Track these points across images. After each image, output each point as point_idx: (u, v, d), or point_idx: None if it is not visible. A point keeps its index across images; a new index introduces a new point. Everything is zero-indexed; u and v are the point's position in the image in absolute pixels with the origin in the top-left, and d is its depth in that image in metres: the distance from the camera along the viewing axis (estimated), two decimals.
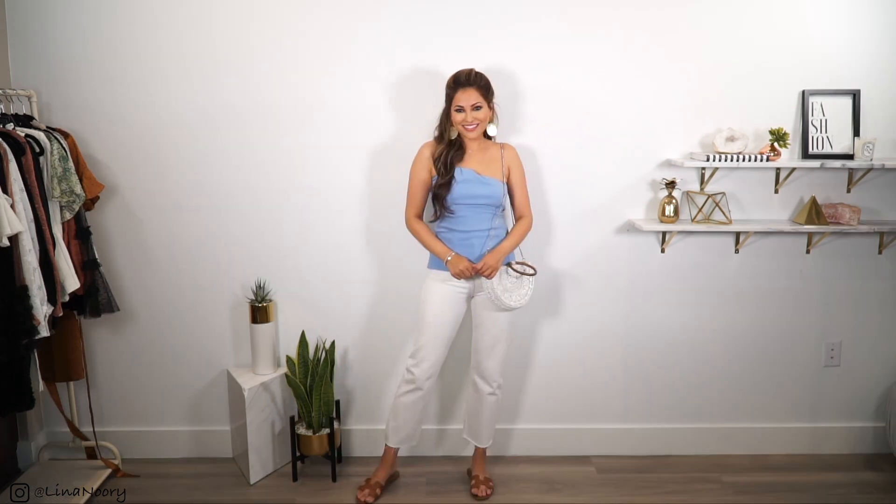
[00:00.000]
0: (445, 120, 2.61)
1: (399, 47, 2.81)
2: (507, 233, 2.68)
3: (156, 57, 2.82)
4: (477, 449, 2.88)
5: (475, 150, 2.63)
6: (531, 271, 2.66)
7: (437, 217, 2.65)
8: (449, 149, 2.60)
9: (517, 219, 2.72)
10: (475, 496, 2.79)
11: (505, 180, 2.63)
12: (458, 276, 2.59)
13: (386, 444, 2.83)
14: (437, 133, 2.65)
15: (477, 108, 2.53)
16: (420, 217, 2.69)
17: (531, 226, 2.72)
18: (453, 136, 2.61)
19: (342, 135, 2.88)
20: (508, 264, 2.64)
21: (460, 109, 2.54)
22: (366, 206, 2.93)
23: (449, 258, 2.59)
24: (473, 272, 2.59)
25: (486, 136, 2.66)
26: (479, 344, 2.72)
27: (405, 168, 2.79)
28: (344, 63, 2.83)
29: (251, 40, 2.81)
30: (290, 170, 2.91)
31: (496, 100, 2.63)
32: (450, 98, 2.56)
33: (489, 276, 2.58)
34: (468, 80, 2.53)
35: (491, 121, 2.62)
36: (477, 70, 2.58)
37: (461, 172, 2.59)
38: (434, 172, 2.62)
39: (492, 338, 2.69)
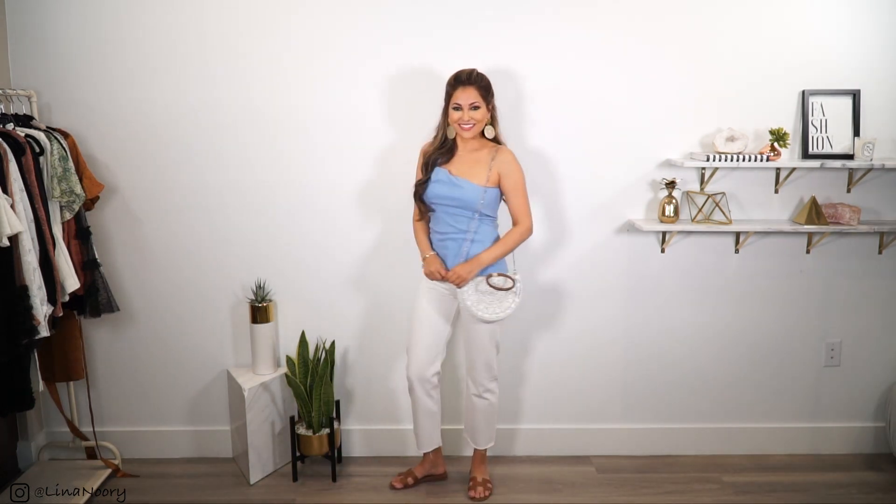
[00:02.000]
0: (444, 118, 2.60)
1: (399, 48, 2.81)
2: (496, 240, 2.62)
3: (156, 57, 2.82)
4: (475, 451, 2.88)
5: (466, 150, 2.61)
6: (509, 284, 2.56)
7: (420, 215, 2.67)
8: (439, 148, 2.60)
9: (514, 224, 2.63)
10: (472, 498, 2.79)
11: (490, 184, 2.55)
12: (429, 276, 2.61)
13: None
14: (435, 132, 2.65)
15: (475, 107, 2.51)
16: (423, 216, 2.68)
17: (526, 234, 2.60)
18: (451, 134, 2.60)
19: (342, 136, 2.88)
20: (489, 275, 2.57)
21: (458, 107, 2.52)
22: (366, 207, 2.93)
23: (426, 256, 2.62)
24: (441, 278, 2.58)
25: (486, 137, 2.62)
26: (466, 349, 2.73)
27: (405, 168, 2.80)
28: (344, 64, 2.83)
29: (251, 42, 2.81)
30: (290, 170, 2.91)
31: (497, 102, 2.62)
32: (449, 95, 2.55)
33: (458, 286, 2.56)
34: (468, 79, 2.52)
35: (490, 123, 2.60)
36: (479, 71, 2.57)
37: (437, 173, 2.59)
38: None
39: (474, 346, 2.67)
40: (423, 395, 2.72)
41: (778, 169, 2.90)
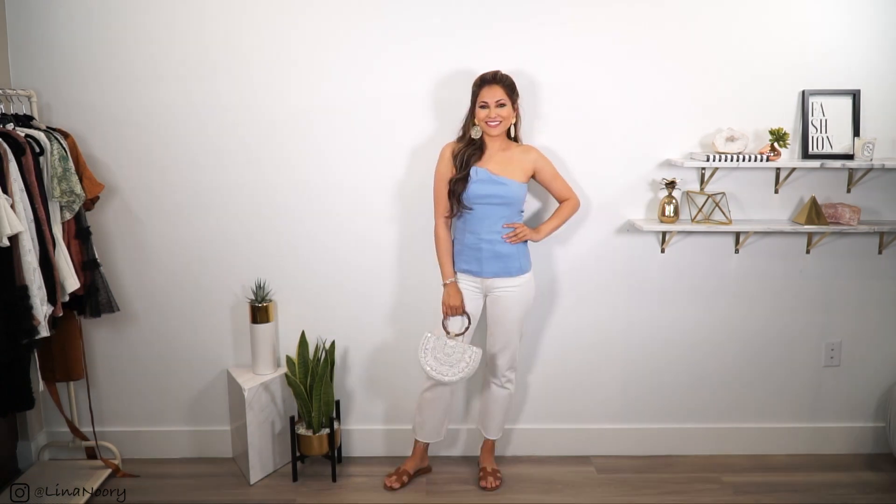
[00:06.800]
0: (469, 118, 2.64)
1: (401, 49, 2.81)
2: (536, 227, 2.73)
3: (155, 57, 2.81)
4: (486, 441, 2.94)
5: (495, 150, 2.65)
6: (466, 326, 2.67)
7: (454, 214, 2.66)
8: (468, 147, 2.63)
9: (561, 202, 2.75)
10: (483, 488, 2.84)
11: (526, 181, 2.66)
12: (447, 310, 2.68)
13: (414, 439, 2.91)
14: (460, 133, 2.68)
15: (501, 104, 2.57)
16: (449, 219, 2.69)
17: (577, 206, 2.75)
18: (476, 135, 2.63)
19: (342, 136, 2.88)
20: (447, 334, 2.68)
21: (484, 105, 2.57)
22: (366, 207, 2.93)
23: (446, 282, 2.69)
24: (455, 312, 2.66)
25: (509, 137, 2.68)
26: (491, 340, 2.77)
27: (406, 169, 2.80)
28: (349, 65, 2.82)
29: (251, 41, 2.81)
30: (289, 170, 2.90)
31: (519, 101, 2.65)
32: (475, 95, 2.60)
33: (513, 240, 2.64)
34: (494, 79, 2.58)
35: (514, 123, 2.66)
36: (503, 72, 2.61)
37: (476, 172, 2.61)
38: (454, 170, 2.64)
39: (501, 340, 2.74)
40: (447, 389, 2.78)
41: (778, 169, 2.90)
